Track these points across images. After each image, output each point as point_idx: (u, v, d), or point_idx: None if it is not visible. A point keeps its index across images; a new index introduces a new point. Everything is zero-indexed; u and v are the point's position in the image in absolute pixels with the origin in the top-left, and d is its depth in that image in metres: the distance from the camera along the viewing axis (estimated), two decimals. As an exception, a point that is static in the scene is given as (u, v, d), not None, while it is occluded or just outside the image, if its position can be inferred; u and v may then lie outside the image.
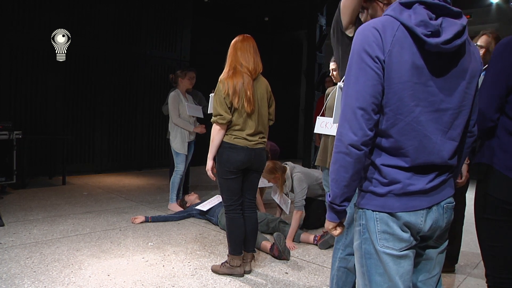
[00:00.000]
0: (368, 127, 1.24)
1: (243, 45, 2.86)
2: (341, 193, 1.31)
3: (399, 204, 1.28)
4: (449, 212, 1.38)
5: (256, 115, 2.87)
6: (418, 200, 1.29)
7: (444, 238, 1.42)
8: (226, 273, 2.97)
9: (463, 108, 1.32)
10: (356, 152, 1.25)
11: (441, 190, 1.34)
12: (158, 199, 5.48)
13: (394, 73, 1.22)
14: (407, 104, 1.24)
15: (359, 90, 1.24)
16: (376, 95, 1.24)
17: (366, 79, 1.23)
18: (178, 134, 4.79)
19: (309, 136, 7.62)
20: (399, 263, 1.31)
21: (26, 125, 6.40)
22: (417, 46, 1.22)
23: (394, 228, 1.29)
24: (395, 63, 1.22)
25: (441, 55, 1.24)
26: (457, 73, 1.28)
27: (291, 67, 11.78)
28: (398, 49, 1.22)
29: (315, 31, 7.85)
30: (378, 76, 1.23)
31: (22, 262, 3.04)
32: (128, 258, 3.25)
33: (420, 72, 1.23)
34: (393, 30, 1.23)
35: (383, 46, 1.22)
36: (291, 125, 11.86)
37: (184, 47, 8.64)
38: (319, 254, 3.54)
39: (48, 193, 5.51)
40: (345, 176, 1.28)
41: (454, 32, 1.22)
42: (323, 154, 3.80)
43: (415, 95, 1.24)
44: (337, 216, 1.37)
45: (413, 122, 1.25)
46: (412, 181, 1.28)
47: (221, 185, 2.93)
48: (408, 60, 1.22)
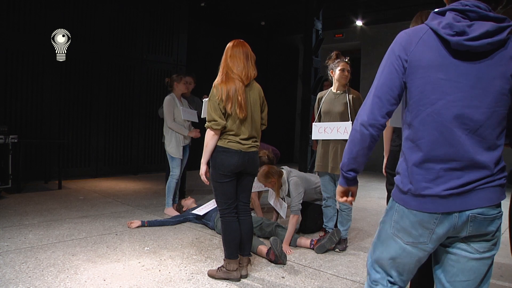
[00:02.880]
0: (379, 113, 1.44)
1: (233, 52, 2.87)
2: (348, 163, 1.54)
3: (415, 203, 1.40)
4: (477, 223, 1.36)
5: (249, 120, 2.88)
6: (432, 203, 1.37)
7: (484, 247, 1.40)
8: (222, 278, 2.96)
9: (498, 109, 1.33)
10: (363, 131, 1.46)
11: (468, 197, 1.34)
12: (154, 204, 5.46)
13: (416, 69, 1.37)
14: (428, 96, 1.36)
15: (379, 81, 1.46)
16: (392, 87, 1.42)
17: (387, 73, 1.44)
18: (173, 138, 4.79)
19: (306, 140, 7.63)
20: (402, 251, 1.46)
21: (21, 129, 6.39)
22: (444, 46, 1.34)
23: (406, 223, 1.43)
24: (417, 60, 1.37)
25: (474, 55, 1.32)
26: (494, 73, 1.32)
27: (287, 72, 11.83)
28: (422, 49, 1.36)
29: (311, 36, 7.86)
30: (397, 72, 1.41)
31: (17, 267, 3.02)
32: (124, 263, 3.23)
33: (447, 69, 1.33)
34: (421, 33, 1.39)
35: (408, 47, 1.39)
36: (288, 130, 11.89)
37: (180, 51, 8.65)
38: (316, 258, 3.54)
39: (43, 198, 5.48)
40: (353, 149, 1.51)
41: (482, 31, 1.28)
42: (323, 159, 3.80)
43: (438, 89, 1.34)
44: (344, 181, 1.59)
45: (434, 114, 1.35)
46: (431, 185, 1.36)
47: (215, 189, 2.93)
48: (432, 58, 1.34)
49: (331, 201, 3.87)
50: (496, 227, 1.39)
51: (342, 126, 3.63)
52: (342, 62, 3.71)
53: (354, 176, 1.55)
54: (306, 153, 7.75)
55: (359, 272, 3.25)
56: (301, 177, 4.03)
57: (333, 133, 3.69)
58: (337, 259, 3.56)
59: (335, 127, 3.67)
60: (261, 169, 3.87)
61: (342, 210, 3.80)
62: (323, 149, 3.80)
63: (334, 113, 3.71)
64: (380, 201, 6.36)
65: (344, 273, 3.23)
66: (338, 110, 3.68)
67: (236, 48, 2.89)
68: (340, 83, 3.74)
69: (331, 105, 3.74)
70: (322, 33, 8.09)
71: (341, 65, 3.70)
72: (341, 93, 3.75)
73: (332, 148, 3.71)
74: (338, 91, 3.77)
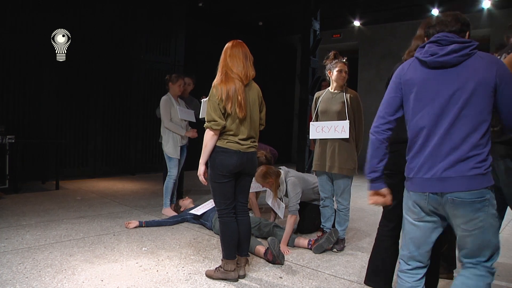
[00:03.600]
0: (380, 123, 1.95)
1: (232, 52, 2.87)
2: (367, 166, 1.98)
3: (409, 184, 1.92)
4: (455, 205, 1.75)
5: (248, 120, 2.88)
6: (420, 186, 1.83)
7: (468, 226, 1.77)
8: (220, 278, 2.96)
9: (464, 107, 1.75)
10: (371, 136, 1.97)
11: (447, 181, 1.75)
12: (152, 204, 5.46)
13: (408, 86, 1.89)
14: (414, 106, 1.86)
15: (384, 99, 1.98)
16: (391, 103, 1.95)
17: (387, 93, 1.98)
18: (170, 138, 4.78)
19: (303, 140, 7.64)
20: (412, 228, 1.93)
21: (19, 129, 6.36)
22: (425, 66, 1.85)
23: (409, 203, 1.93)
24: (408, 80, 1.89)
25: (447, 68, 1.80)
26: (459, 80, 1.77)
27: (285, 72, 11.83)
28: (411, 72, 1.89)
29: (309, 36, 7.87)
30: (394, 92, 1.94)
31: (14, 268, 3.01)
32: (121, 263, 3.23)
33: (428, 82, 1.83)
34: (410, 62, 1.94)
35: (402, 73, 1.93)
36: (285, 130, 11.89)
37: (178, 51, 8.65)
38: (313, 259, 3.55)
39: (41, 198, 5.47)
40: (368, 152, 1.98)
41: (449, 49, 1.78)
42: (321, 159, 3.80)
43: (420, 98, 1.85)
44: (369, 185, 1.99)
45: (419, 120, 1.84)
46: (420, 171, 1.82)
47: (213, 189, 2.93)
48: (420, 77, 1.85)
49: (328, 201, 3.87)
50: None
51: (340, 125, 3.63)
52: (340, 63, 3.72)
53: (374, 177, 1.95)
54: (303, 153, 7.76)
55: (357, 272, 3.25)
56: (299, 177, 4.03)
57: (331, 132, 3.69)
58: (334, 259, 3.56)
59: (332, 126, 3.68)
60: (259, 169, 3.87)
61: (340, 210, 3.81)
62: (320, 148, 3.80)
63: (331, 112, 3.71)
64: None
65: (341, 273, 3.23)
66: (335, 109, 3.69)
67: (235, 48, 2.90)
68: (338, 83, 3.75)
69: (328, 104, 3.75)
70: (319, 33, 8.11)
71: (339, 66, 3.70)
72: (338, 93, 3.75)
73: (330, 147, 3.71)
74: (335, 91, 3.78)
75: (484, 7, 8.50)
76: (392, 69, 2.35)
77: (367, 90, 10.11)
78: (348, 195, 3.79)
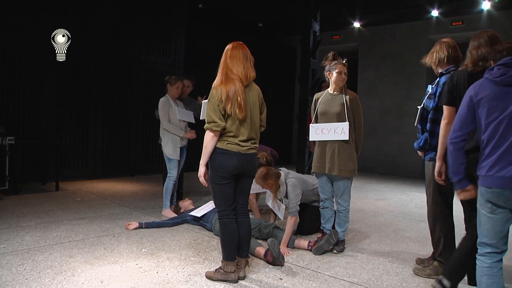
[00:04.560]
0: (456, 135, 2.37)
1: (233, 53, 2.88)
2: (450, 170, 2.42)
3: (482, 181, 2.26)
4: None
5: (248, 121, 2.88)
6: (495, 182, 2.17)
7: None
8: (220, 279, 2.96)
9: None
10: (449, 147, 2.40)
11: None
12: (152, 205, 5.45)
13: (480, 104, 2.27)
14: (487, 118, 2.24)
15: (458, 115, 2.40)
16: (464, 118, 2.35)
17: (461, 109, 2.38)
18: (170, 139, 4.78)
19: (303, 141, 7.64)
20: (487, 218, 2.25)
21: (19, 130, 6.37)
22: (494, 85, 2.23)
23: (483, 198, 2.26)
24: (480, 100, 2.26)
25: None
26: None
27: (284, 73, 11.84)
28: (482, 90, 2.27)
29: (309, 37, 7.87)
30: (467, 109, 2.33)
31: (14, 270, 3.01)
32: (121, 265, 3.23)
33: (498, 98, 2.21)
34: (480, 83, 2.31)
35: (474, 94, 2.30)
36: (285, 131, 11.89)
37: (178, 52, 8.65)
38: (313, 260, 3.54)
39: (41, 199, 5.47)
40: (449, 160, 2.42)
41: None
42: (321, 160, 3.80)
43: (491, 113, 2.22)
44: (456, 185, 2.41)
45: (491, 130, 2.22)
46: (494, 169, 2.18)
47: (214, 191, 2.93)
48: (490, 95, 2.23)
49: (328, 203, 3.87)
50: None
51: (339, 126, 3.63)
52: (340, 65, 3.71)
53: (459, 178, 2.36)
54: (303, 155, 7.75)
55: (357, 274, 3.25)
56: (299, 179, 4.03)
57: (330, 134, 3.69)
58: (334, 260, 3.56)
59: (332, 128, 3.68)
60: (259, 170, 3.87)
61: (340, 212, 3.80)
62: (320, 150, 3.80)
63: (331, 114, 3.71)
64: (377, 203, 6.37)
65: (341, 274, 3.23)
66: (334, 110, 3.68)
67: (235, 49, 2.90)
68: (337, 85, 3.75)
69: (328, 105, 3.75)
70: (319, 34, 8.11)
71: (338, 67, 3.70)
72: (337, 94, 3.75)
73: (329, 149, 3.71)
74: (335, 92, 3.78)
75: (484, 9, 8.51)
76: (391, 69, 2.51)
77: (367, 91, 10.11)
78: (348, 197, 3.79)
